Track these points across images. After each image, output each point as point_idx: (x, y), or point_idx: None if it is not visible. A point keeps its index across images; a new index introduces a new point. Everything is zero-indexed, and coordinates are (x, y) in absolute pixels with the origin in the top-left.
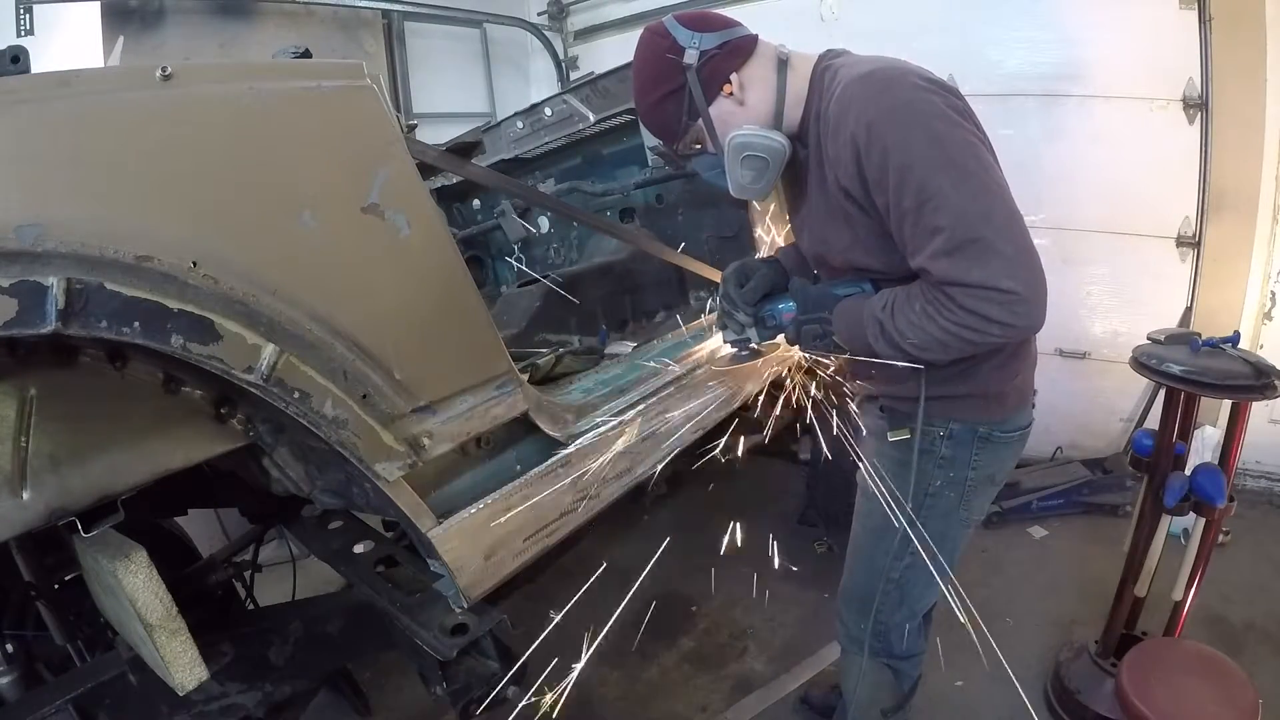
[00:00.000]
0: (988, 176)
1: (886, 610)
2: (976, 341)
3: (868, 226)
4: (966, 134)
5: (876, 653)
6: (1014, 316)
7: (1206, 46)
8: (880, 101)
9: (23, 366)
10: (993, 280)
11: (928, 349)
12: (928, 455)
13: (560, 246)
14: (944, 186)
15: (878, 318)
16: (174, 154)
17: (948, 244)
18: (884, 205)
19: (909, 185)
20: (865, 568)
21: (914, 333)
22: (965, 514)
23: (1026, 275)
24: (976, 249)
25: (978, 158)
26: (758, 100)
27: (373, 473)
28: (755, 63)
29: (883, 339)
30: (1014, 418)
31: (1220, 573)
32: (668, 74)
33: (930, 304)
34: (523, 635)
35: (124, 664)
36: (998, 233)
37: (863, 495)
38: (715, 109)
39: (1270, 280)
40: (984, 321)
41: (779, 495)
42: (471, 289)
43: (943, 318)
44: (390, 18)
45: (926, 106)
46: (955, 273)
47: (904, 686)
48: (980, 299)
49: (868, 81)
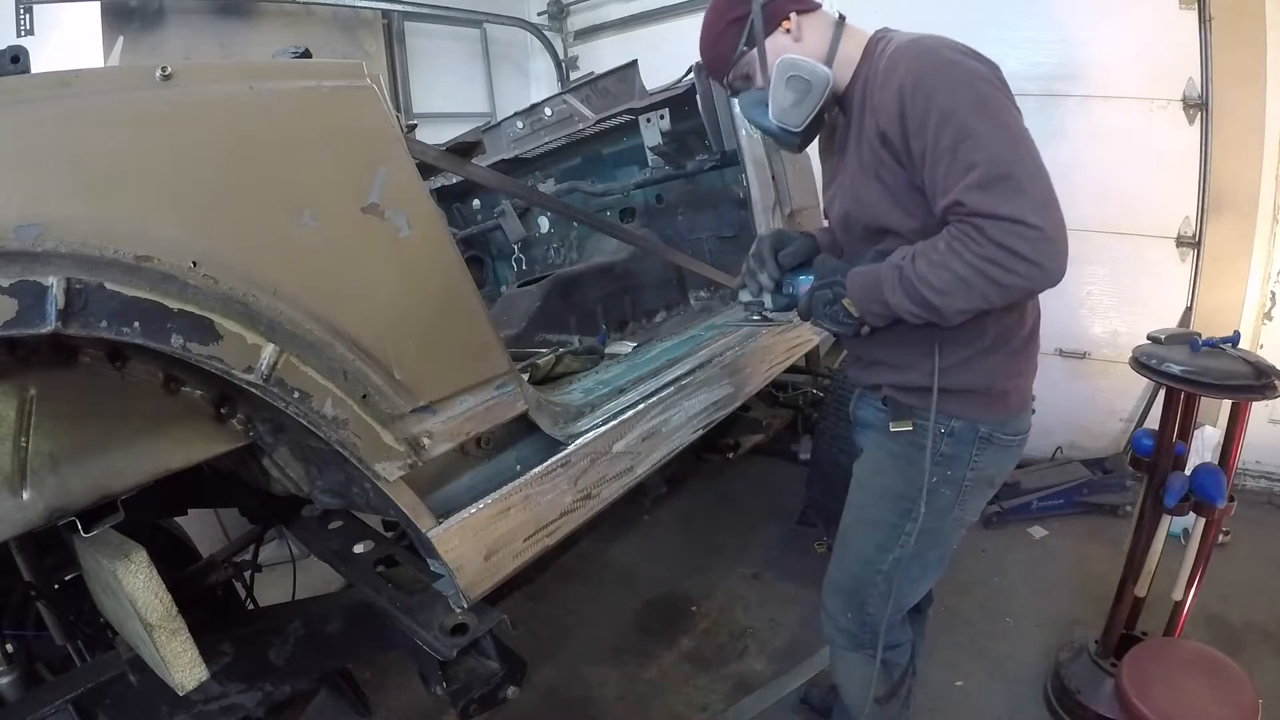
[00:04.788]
0: (1020, 131)
1: (873, 604)
2: (1000, 281)
3: (897, 177)
4: (1004, 97)
5: (863, 645)
6: (1038, 254)
7: (1206, 46)
8: (930, 58)
9: (23, 366)
10: (1021, 214)
11: (947, 291)
12: (926, 451)
13: (560, 246)
14: (982, 129)
15: (897, 265)
16: (174, 154)
17: (983, 178)
18: (920, 150)
19: (949, 126)
20: (855, 559)
21: (935, 274)
22: (960, 514)
23: (1051, 216)
24: (1009, 186)
25: (1014, 117)
26: (812, 41)
27: (373, 473)
28: (816, 15)
29: (900, 288)
30: (1015, 421)
31: (1220, 573)
32: (737, 2)
33: (957, 239)
34: (523, 635)
35: (124, 664)
36: (1028, 175)
37: (855, 487)
38: (771, 42)
39: (1270, 280)
40: (1010, 256)
41: (779, 495)
42: (471, 289)
43: (969, 251)
44: (390, 18)
45: (973, 70)
46: (987, 204)
47: (894, 675)
48: (1008, 231)
49: (918, 44)
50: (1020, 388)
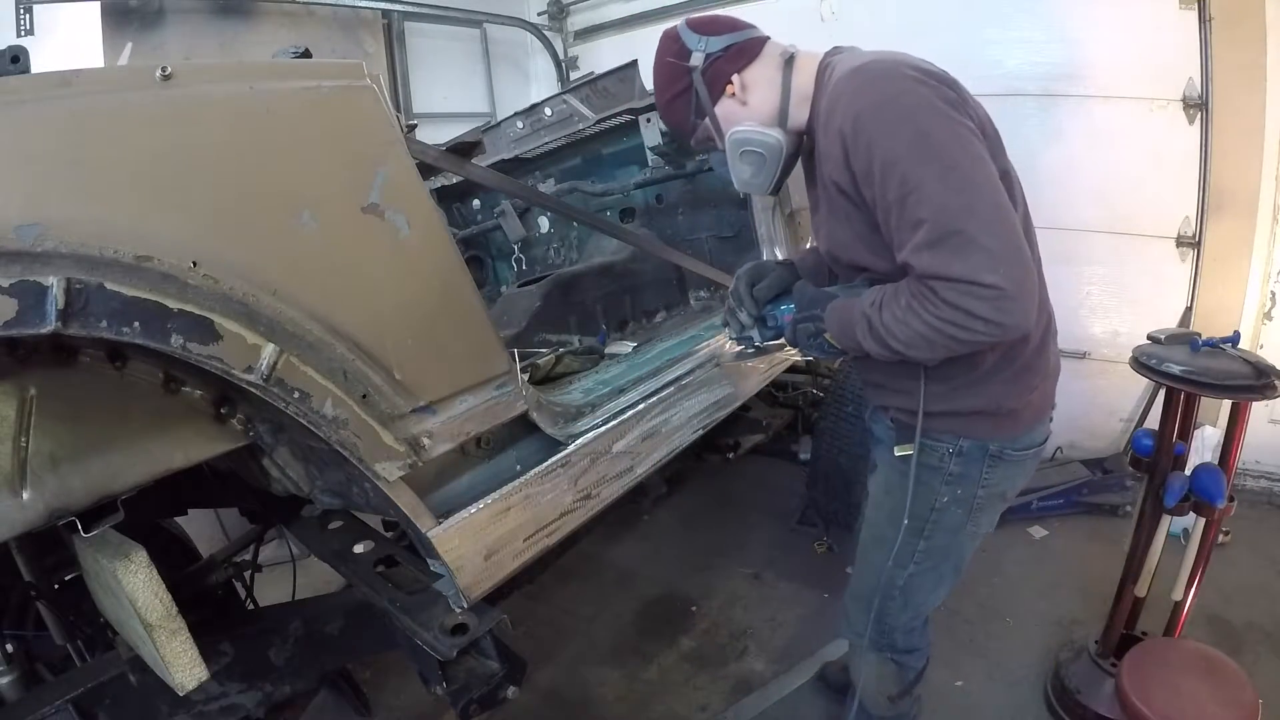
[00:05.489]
0: (973, 169)
1: (891, 613)
2: (962, 339)
3: (862, 221)
4: (956, 126)
5: (881, 649)
6: (998, 313)
7: (1206, 46)
8: (867, 95)
9: (23, 366)
10: (974, 274)
11: (913, 346)
12: (935, 471)
13: (560, 246)
14: (926, 179)
15: (865, 314)
16: (174, 154)
17: (929, 236)
18: (871, 199)
19: (893, 178)
20: (872, 574)
21: (899, 329)
22: (974, 529)
23: (1011, 271)
24: (958, 241)
25: (966, 150)
26: (760, 99)
27: (373, 473)
28: (759, 64)
29: (870, 336)
30: (1028, 435)
31: (1220, 573)
32: (677, 76)
33: (915, 298)
34: (523, 635)
35: (124, 664)
36: (981, 227)
37: (870, 504)
38: (720, 108)
39: (1270, 280)
40: (967, 317)
41: (779, 495)
42: (471, 289)
43: (926, 313)
44: (390, 18)
45: (914, 100)
46: (937, 265)
47: (908, 676)
48: (963, 293)
49: (857, 76)
50: (1033, 403)
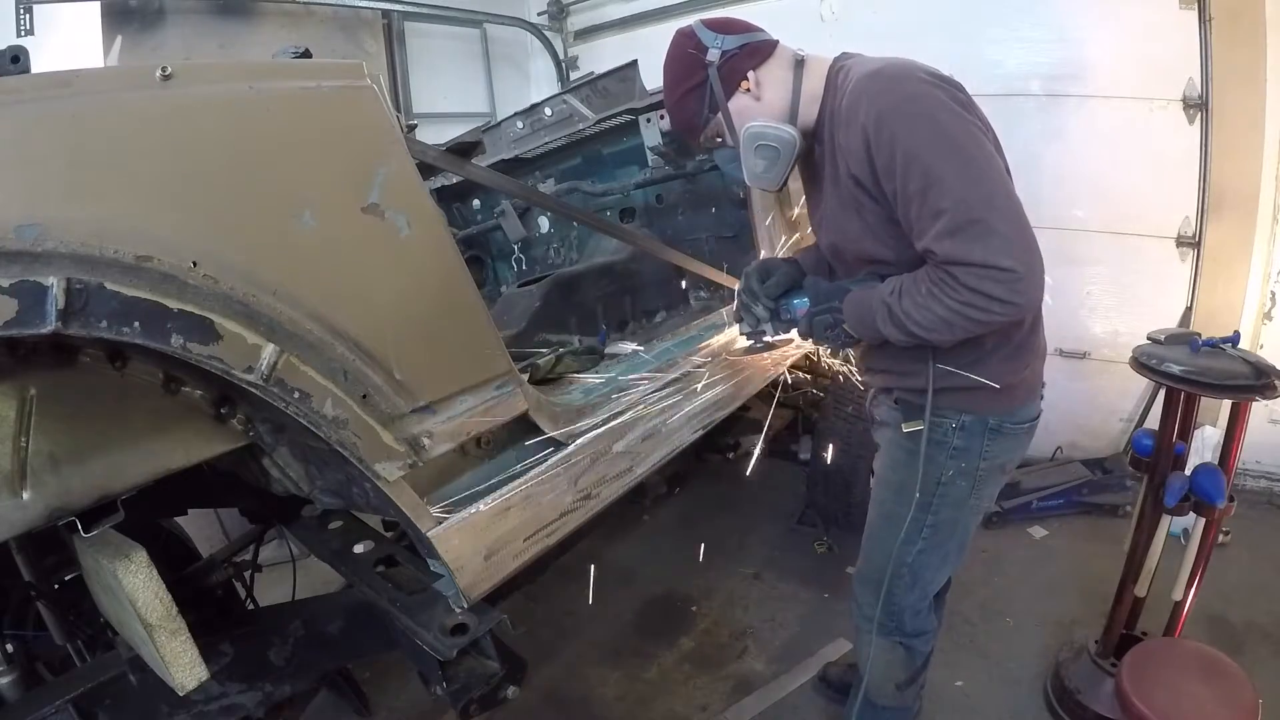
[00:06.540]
0: (988, 164)
1: (899, 592)
2: (980, 320)
3: (877, 214)
4: (968, 125)
5: (889, 632)
6: (1014, 294)
7: (1206, 46)
8: (889, 95)
9: (23, 366)
10: (993, 259)
11: (933, 329)
12: (941, 446)
13: (560, 246)
14: (947, 172)
15: (885, 302)
16: (174, 154)
17: (951, 225)
18: (892, 191)
19: (915, 171)
20: (880, 553)
21: (920, 314)
22: (976, 501)
23: (1024, 254)
24: (978, 230)
25: (979, 146)
26: (773, 97)
27: (373, 473)
28: (772, 63)
29: (890, 323)
30: (1023, 409)
31: (1220, 573)
32: (692, 70)
33: (935, 285)
34: (523, 635)
35: (124, 664)
36: (997, 215)
37: (877, 483)
38: (734, 104)
39: (1270, 280)
40: (986, 299)
41: (779, 495)
42: (471, 289)
43: (947, 297)
44: (390, 18)
45: (931, 99)
46: (958, 252)
47: (916, 661)
48: (982, 277)
49: (877, 77)
50: (1026, 379)
